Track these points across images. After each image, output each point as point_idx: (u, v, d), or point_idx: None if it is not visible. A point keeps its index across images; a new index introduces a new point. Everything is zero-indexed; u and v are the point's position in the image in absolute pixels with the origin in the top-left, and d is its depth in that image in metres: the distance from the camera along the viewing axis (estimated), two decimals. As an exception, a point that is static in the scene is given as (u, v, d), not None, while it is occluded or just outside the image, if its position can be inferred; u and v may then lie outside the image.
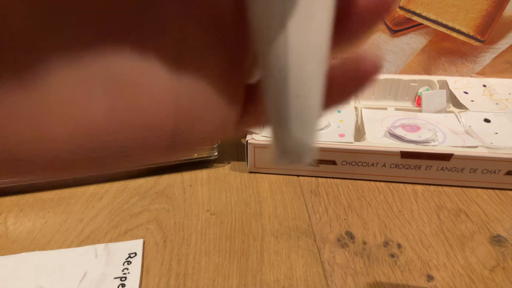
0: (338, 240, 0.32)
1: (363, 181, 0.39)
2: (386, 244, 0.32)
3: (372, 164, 0.38)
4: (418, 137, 0.38)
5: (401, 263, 0.30)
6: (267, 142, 0.38)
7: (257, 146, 0.38)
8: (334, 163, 0.39)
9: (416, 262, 0.30)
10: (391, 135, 0.39)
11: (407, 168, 0.38)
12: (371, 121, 0.42)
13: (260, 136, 0.39)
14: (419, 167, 0.38)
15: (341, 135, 0.39)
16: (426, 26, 0.50)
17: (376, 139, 0.39)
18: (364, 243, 0.32)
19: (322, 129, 0.40)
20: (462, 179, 0.38)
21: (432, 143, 0.38)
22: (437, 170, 0.38)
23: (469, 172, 0.37)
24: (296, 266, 0.30)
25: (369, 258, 0.31)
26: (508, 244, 0.32)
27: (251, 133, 0.39)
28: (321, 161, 0.39)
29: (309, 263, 0.30)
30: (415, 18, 0.49)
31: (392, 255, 0.31)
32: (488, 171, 0.37)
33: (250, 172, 0.40)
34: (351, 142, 0.38)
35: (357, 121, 0.42)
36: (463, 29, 0.49)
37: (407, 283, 0.28)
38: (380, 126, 0.41)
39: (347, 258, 0.30)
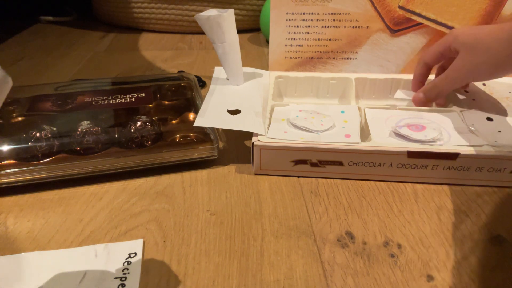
0: (338, 240, 0.32)
1: (363, 181, 0.39)
2: (386, 244, 0.32)
3: (379, 165, 0.38)
4: (424, 136, 0.38)
5: (401, 263, 0.30)
6: (273, 144, 0.38)
7: (263, 148, 0.38)
8: (341, 163, 0.38)
9: (416, 262, 0.30)
10: (397, 134, 0.39)
11: (414, 168, 0.38)
12: (375, 121, 0.41)
13: (266, 138, 0.38)
14: (425, 167, 0.38)
15: (347, 136, 0.39)
16: (426, 26, 0.50)
17: (382, 139, 0.39)
18: (364, 243, 0.32)
19: (327, 130, 0.40)
20: (468, 177, 0.38)
21: (438, 143, 0.38)
22: (443, 169, 0.38)
23: (475, 170, 0.37)
24: (296, 266, 0.30)
25: (369, 258, 0.31)
26: (508, 244, 0.32)
27: (256, 135, 0.39)
28: (328, 162, 0.39)
29: (309, 263, 0.30)
30: (414, 17, 0.49)
31: (392, 255, 0.31)
32: (493, 169, 0.37)
33: (256, 174, 0.40)
34: (358, 143, 0.38)
35: (361, 121, 0.42)
36: (463, 29, 0.49)
37: (407, 283, 0.28)
38: (384, 125, 0.41)
39: (347, 258, 0.30)
